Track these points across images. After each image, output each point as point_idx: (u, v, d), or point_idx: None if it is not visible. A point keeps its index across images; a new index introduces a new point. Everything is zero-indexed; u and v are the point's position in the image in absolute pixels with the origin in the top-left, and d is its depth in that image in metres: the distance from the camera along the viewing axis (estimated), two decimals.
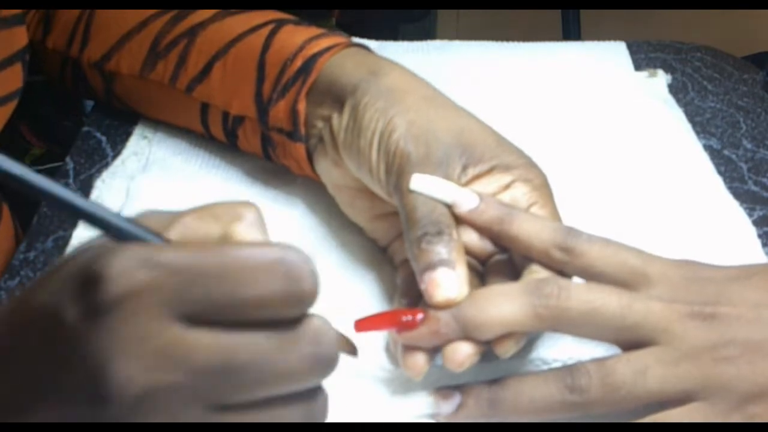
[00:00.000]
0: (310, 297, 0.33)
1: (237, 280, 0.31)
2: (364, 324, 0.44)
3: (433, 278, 0.43)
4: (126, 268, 0.30)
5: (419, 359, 0.44)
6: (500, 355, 0.44)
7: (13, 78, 0.58)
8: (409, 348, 0.44)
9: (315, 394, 0.35)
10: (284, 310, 0.33)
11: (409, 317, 0.43)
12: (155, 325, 0.30)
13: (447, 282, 0.43)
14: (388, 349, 0.48)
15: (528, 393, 0.43)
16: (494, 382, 0.44)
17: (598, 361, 0.43)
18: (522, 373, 0.45)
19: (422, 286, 0.44)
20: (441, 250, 0.44)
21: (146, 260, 0.31)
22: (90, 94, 0.69)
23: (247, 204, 0.35)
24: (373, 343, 0.48)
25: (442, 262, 0.44)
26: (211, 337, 0.31)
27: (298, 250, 0.33)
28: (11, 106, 0.59)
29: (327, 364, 0.34)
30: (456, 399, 0.44)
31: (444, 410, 0.44)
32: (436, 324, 0.43)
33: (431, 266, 0.44)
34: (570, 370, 0.43)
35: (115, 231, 0.32)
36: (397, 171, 0.48)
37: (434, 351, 0.44)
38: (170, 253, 0.31)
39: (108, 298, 0.30)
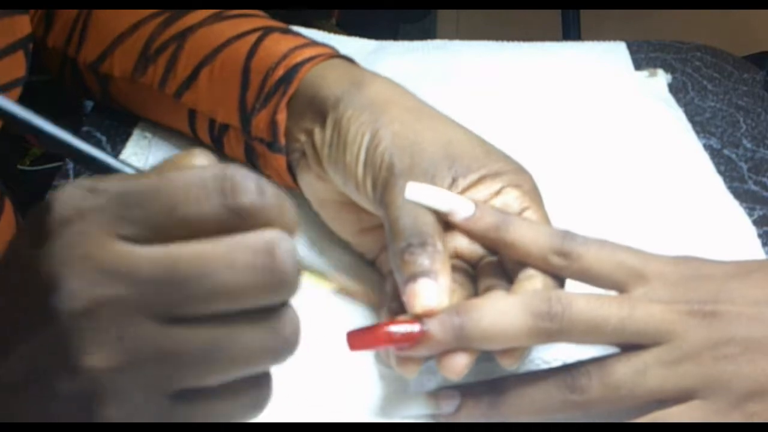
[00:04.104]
0: (252, 209, 0.32)
1: (173, 198, 0.31)
2: (357, 341, 0.43)
3: (414, 289, 0.43)
4: (71, 195, 0.32)
5: (412, 362, 0.43)
6: (505, 368, 0.43)
7: (16, 66, 0.58)
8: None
9: (279, 312, 0.33)
10: (226, 225, 0.32)
11: (404, 329, 0.42)
12: (98, 244, 0.31)
13: (427, 292, 0.43)
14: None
15: (528, 393, 0.43)
16: (494, 382, 0.44)
17: (598, 360, 0.43)
18: (522, 372, 0.45)
19: (404, 298, 0.44)
20: (424, 261, 0.44)
21: (90, 188, 0.32)
22: (88, 95, 0.69)
23: (201, 149, 0.35)
24: None
25: (424, 273, 0.44)
26: (153, 250, 0.31)
27: (239, 167, 0.32)
28: (14, 93, 0.59)
29: (282, 278, 0.32)
30: (456, 399, 0.44)
31: (444, 410, 0.44)
32: (434, 343, 0.42)
33: (413, 277, 0.44)
34: (570, 369, 0.43)
35: (100, 165, 0.35)
36: (382, 183, 0.48)
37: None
38: (112, 181, 0.32)
39: (53, 222, 0.31)
